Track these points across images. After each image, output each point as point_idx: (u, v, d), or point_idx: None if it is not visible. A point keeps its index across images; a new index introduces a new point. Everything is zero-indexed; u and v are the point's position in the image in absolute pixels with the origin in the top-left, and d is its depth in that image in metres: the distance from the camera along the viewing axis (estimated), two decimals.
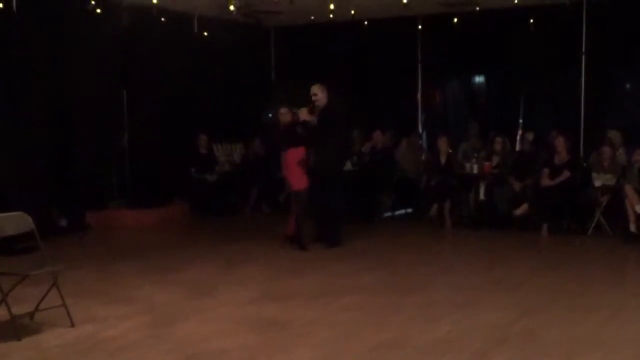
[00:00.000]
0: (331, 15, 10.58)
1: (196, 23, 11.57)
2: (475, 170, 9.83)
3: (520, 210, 9.45)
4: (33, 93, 9.15)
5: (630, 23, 9.95)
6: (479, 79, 12.32)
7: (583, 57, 10.58)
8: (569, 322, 5.36)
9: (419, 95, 12.22)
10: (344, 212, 8.59)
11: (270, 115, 12.23)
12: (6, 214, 5.28)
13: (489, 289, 6.37)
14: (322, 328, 5.27)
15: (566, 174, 9.21)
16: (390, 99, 12.26)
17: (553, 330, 5.18)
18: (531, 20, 10.58)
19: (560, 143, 9.31)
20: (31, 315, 5.40)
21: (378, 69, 11.96)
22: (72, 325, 5.27)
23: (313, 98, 8.22)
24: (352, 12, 10.62)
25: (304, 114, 8.20)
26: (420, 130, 12.27)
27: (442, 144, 10.27)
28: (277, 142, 8.68)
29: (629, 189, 8.66)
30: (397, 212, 11.07)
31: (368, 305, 5.91)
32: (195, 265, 7.53)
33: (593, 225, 9.09)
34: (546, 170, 9.38)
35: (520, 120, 11.37)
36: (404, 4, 9.24)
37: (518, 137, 11.12)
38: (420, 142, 11.95)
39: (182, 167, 11.09)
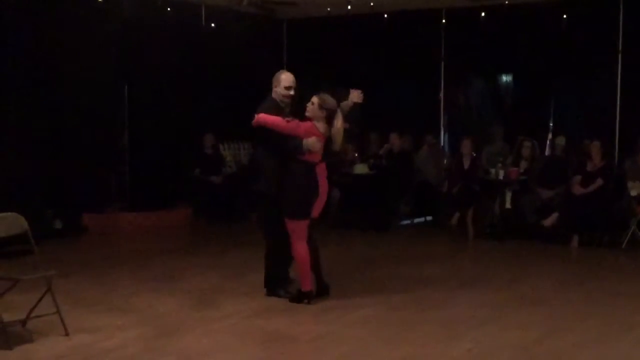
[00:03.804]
0: (349, 7, 10.61)
1: (204, 14, 11.63)
2: (500, 176, 9.79)
3: (549, 221, 9.42)
4: (27, 87, 9.22)
5: None
6: (506, 79, 12.29)
7: (619, 56, 10.54)
8: (600, 342, 5.34)
9: (441, 95, 12.22)
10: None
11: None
12: None
13: (513, 305, 6.36)
14: (332, 343, 5.27)
15: (599, 182, 9.18)
16: (410, 98, 12.27)
17: (582, 350, 5.16)
18: (564, 16, 10.56)
19: (595, 148, 9.26)
20: (23, 322, 5.44)
21: (398, 66, 11.97)
22: (67, 334, 5.30)
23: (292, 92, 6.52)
24: (372, 4, 10.64)
25: None
26: (442, 132, 12.27)
27: (466, 147, 10.25)
28: None
29: None
30: (416, 220, 11.06)
31: (382, 319, 5.91)
32: (198, 273, 7.56)
33: (628, 238, 9.04)
34: (578, 178, 9.35)
35: (551, 124, 11.35)
36: None
37: (548, 142, 11.10)
38: (441, 145, 11.95)
39: (186, 168, 11.14)
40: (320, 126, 6.15)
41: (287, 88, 6.38)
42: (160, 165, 10.83)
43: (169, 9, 10.52)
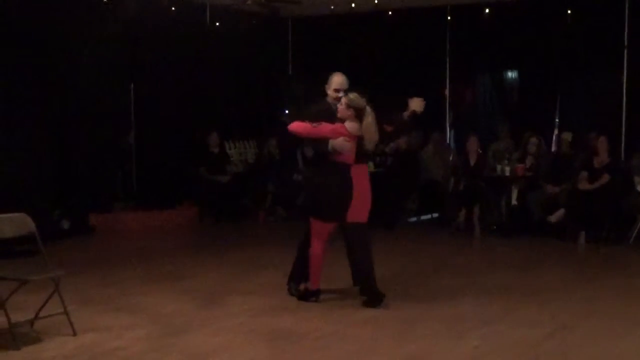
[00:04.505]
0: (353, 5, 10.60)
1: (209, 13, 11.66)
2: (507, 173, 9.80)
3: (555, 217, 9.40)
4: (34, 87, 9.25)
5: None
6: (512, 75, 12.27)
7: (625, 51, 10.51)
8: (607, 339, 5.33)
9: (447, 92, 12.20)
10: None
11: (287, 111, 12.27)
12: (6, 215, 5.34)
13: (520, 302, 6.35)
14: (339, 341, 5.28)
15: (606, 177, 9.15)
16: (415, 95, 12.21)
17: (589, 347, 5.15)
18: (569, 12, 10.54)
19: (602, 144, 9.23)
20: (31, 323, 5.46)
21: (403, 63, 11.94)
22: (74, 334, 5.32)
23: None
24: (376, 1, 10.64)
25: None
26: (448, 129, 12.25)
27: (472, 144, 10.24)
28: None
29: None
30: (423, 218, 11.05)
31: (388, 317, 5.90)
32: (205, 272, 7.57)
33: (635, 233, 9.02)
34: (584, 174, 9.33)
35: (557, 120, 11.32)
36: None
37: (554, 138, 11.08)
38: (447, 142, 11.93)
39: (192, 167, 11.15)
40: (350, 126, 6.08)
41: (336, 90, 6.29)
42: (166, 164, 10.85)
43: (173, 8, 10.53)
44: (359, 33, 11.94)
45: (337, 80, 6.33)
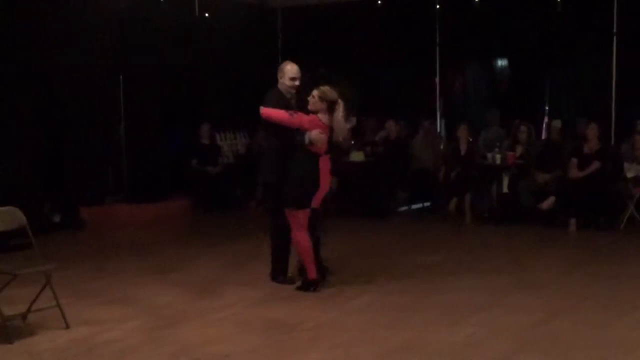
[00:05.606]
0: None
1: (197, 4, 11.57)
2: (497, 161, 9.79)
3: (546, 204, 9.41)
4: (22, 81, 9.17)
5: None
6: (501, 63, 12.27)
7: (614, 38, 10.51)
8: (600, 325, 5.34)
9: (437, 80, 12.18)
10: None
11: None
12: None
13: (512, 289, 6.36)
14: (334, 331, 5.27)
15: (596, 164, 9.16)
16: (405, 84, 12.24)
17: (582, 333, 5.16)
18: None
19: (592, 131, 9.24)
20: (23, 316, 5.43)
21: (392, 52, 11.91)
22: (67, 327, 5.29)
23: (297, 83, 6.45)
24: None
25: None
26: (438, 117, 12.24)
27: (462, 132, 10.25)
28: None
29: None
30: (414, 206, 11.05)
31: (383, 306, 5.91)
32: (198, 263, 7.55)
33: (625, 219, 9.04)
34: (574, 161, 9.34)
35: (547, 107, 11.34)
36: None
37: (544, 125, 11.09)
38: (437, 130, 11.93)
39: (183, 158, 11.11)
40: (324, 118, 6.17)
41: (292, 79, 6.38)
42: (157, 156, 10.80)
43: None
44: (349, 22, 11.89)
45: (292, 69, 6.41)
